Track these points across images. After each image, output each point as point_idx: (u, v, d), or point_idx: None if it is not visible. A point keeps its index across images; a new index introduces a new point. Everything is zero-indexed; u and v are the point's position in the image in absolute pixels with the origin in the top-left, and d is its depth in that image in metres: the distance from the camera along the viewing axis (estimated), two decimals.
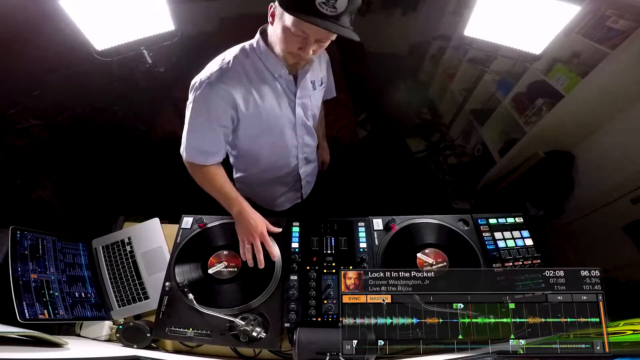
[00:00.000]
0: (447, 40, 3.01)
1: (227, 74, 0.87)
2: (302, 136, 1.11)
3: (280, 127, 1.03)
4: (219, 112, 0.89)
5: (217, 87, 0.86)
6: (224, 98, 0.87)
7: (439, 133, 3.02)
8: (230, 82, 0.87)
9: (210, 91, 0.86)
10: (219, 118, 0.90)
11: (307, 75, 0.99)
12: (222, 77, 0.86)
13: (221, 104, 0.88)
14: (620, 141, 1.65)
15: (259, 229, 0.94)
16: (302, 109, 1.04)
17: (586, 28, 1.70)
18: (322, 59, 1.09)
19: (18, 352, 0.69)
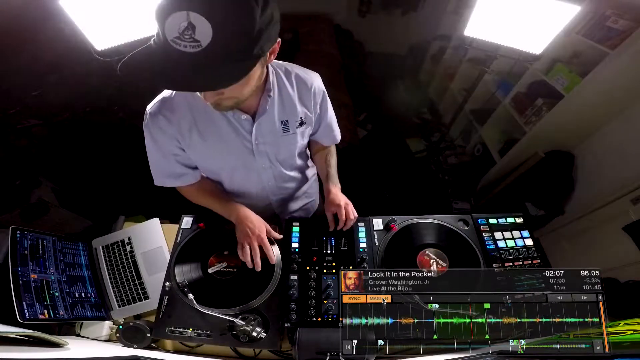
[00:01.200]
0: (447, 40, 3.02)
1: (168, 105, 0.81)
2: (270, 180, 1.01)
3: (232, 170, 0.95)
4: (164, 142, 0.85)
5: (157, 119, 0.81)
6: (163, 129, 0.82)
7: (439, 133, 3.02)
8: (170, 115, 0.80)
9: (151, 122, 0.82)
10: (166, 147, 0.86)
11: (269, 115, 0.83)
12: (162, 109, 0.81)
13: (162, 135, 0.83)
14: (620, 141, 1.65)
15: (257, 232, 0.91)
16: (264, 154, 0.92)
17: (586, 28, 1.70)
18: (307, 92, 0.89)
19: (18, 352, 0.69)
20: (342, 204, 0.97)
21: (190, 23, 0.52)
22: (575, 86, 1.71)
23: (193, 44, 0.53)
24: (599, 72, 1.60)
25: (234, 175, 0.97)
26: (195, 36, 0.53)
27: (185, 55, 0.54)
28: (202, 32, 0.52)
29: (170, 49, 0.54)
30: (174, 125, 0.81)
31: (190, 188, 0.97)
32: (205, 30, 0.52)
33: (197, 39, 0.53)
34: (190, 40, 0.53)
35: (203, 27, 0.52)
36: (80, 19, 1.35)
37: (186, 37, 0.53)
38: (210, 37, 0.53)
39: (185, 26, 0.52)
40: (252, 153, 0.89)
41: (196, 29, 0.52)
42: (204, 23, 0.52)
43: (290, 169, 1.04)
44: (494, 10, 1.59)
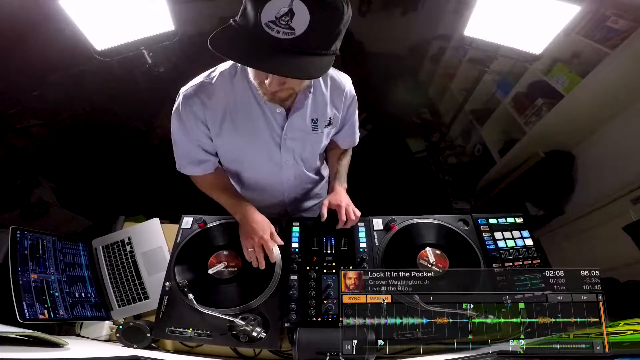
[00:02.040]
0: (447, 40, 3.01)
1: (206, 90, 0.80)
2: (290, 178, 1.02)
3: (256, 162, 0.95)
4: (192, 127, 0.84)
5: (192, 102, 0.80)
6: (195, 114, 0.81)
7: (439, 133, 3.02)
8: (207, 100, 0.80)
9: (185, 104, 0.81)
10: (193, 132, 0.86)
11: (302, 111, 0.84)
12: (199, 92, 0.80)
13: (193, 119, 0.82)
14: (620, 141, 1.65)
15: (260, 233, 0.90)
16: (290, 150, 0.92)
17: (586, 28, 1.70)
18: (339, 95, 0.90)
19: (18, 352, 0.69)
20: (342, 204, 0.96)
21: (291, 10, 0.52)
22: (575, 86, 1.71)
23: (287, 30, 0.54)
24: (599, 72, 1.60)
25: (256, 167, 0.98)
26: (292, 23, 0.53)
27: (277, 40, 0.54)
28: (300, 21, 0.53)
29: (262, 32, 0.54)
30: (209, 110, 0.81)
31: (205, 178, 0.97)
32: (303, 20, 0.53)
33: (292, 27, 0.53)
34: (286, 27, 0.53)
35: (302, 16, 0.53)
36: (80, 19, 1.35)
37: (282, 23, 0.53)
38: (305, 27, 0.54)
39: (285, 12, 0.53)
40: (278, 147, 0.90)
41: (295, 16, 0.53)
42: (304, 12, 0.53)
43: (310, 170, 1.06)
44: (494, 10, 1.59)
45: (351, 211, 0.97)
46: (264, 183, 1.04)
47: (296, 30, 0.54)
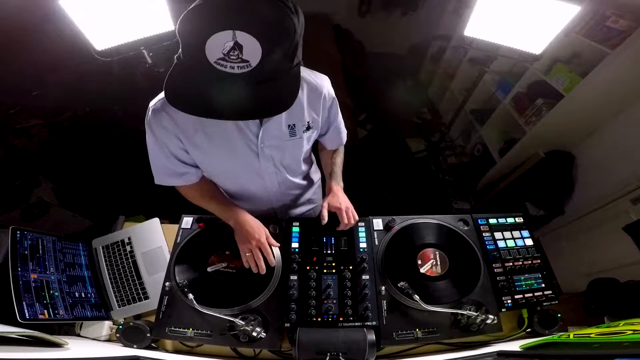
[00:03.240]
0: (447, 40, 3.02)
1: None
2: (274, 185, 1.00)
3: (236, 172, 0.93)
4: (166, 140, 0.81)
5: (160, 116, 0.77)
6: (166, 128, 0.78)
7: (439, 133, 3.03)
8: (174, 113, 0.76)
9: (154, 119, 0.78)
10: (167, 146, 0.83)
11: (276, 119, 0.81)
12: (166, 106, 0.76)
13: (164, 133, 0.80)
14: (620, 141, 1.65)
15: (256, 236, 0.89)
16: (270, 158, 0.90)
17: (586, 28, 1.70)
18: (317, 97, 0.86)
19: (18, 352, 0.69)
20: (342, 207, 0.95)
21: (236, 43, 0.49)
22: (575, 86, 1.71)
23: (241, 64, 0.51)
24: (599, 72, 1.60)
25: (238, 178, 0.96)
26: (244, 56, 0.50)
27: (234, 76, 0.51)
28: (251, 52, 0.50)
29: (215, 70, 0.51)
30: (178, 124, 0.78)
31: (191, 188, 0.96)
32: (254, 50, 0.50)
33: (245, 59, 0.50)
34: (238, 61, 0.50)
35: (251, 46, 0.50)
36: (80, 19, 1.35)
37: (232, 58, 0.50)
38: (260, 56, 0.50)
39: (231, 46, 0.49)
40: (257, 156, 0.87)
41: (244, 48, 0.50)
42: (252, 42, 0.49)
43: (295, 175, 1.03)
44: (494, 10, 1.59)
45: (351, 214, 0.96)
46: (248, 193, 1.02)
47: (251, 62, 0.51)
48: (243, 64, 0.51)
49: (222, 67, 0.51)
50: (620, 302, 1.02)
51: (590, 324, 0.90)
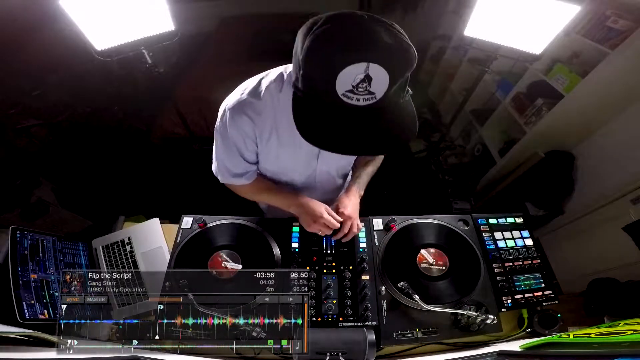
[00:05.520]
0: (447, 40, 3.01)
1: (254, 107, 0.77)
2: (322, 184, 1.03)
3: (293, 170, 0.96)
4: (238, 143, 0.84)
5: (240, 118, 0.78)
6: (243, 131, 0.80)
7: (439, 133, 3.02)
8: (255, 116, 0.78)
9: (232, 120, 0.79)
10: (239, 148, 0.85)
11: None
12: (247, 109, 0.77)
13: (241, 135, 0.82)
14: (620, 141, 1.65)
15: (318, 216, 0.91)
16: (326, 165, 0.94)
17: (586, 28, 1.70)
18: None
19: (18, 352, 0.69)
20: (352, 215, 0.94)
21: (367, 75, 0.48)
22: (575, 86, 1.71)
23: (367, 96, 0.50)
24: (599, 72, 1.60)
25: (292, 174, 0.98)
26: (371, 88, 0.49)
27: (359, 109, 0.51)
28: (379, 83, 0.49)
29: (341, 103, 0.50)
30: (257, 126, 0.79)
31: (249, 186, 0.97)
32: (383, 81, 0.49)
33: (372, 91, 0.49)
34: (365, 93, 0.49)
35: (381, 78, 0.49)
36: (80, 19, 1.35)
37: (360, 91, 0.49)
38: (386, 87, 0.50)
39: (361, 78, 0.48)
40: (316, 157, 0.90)
41: (373, 80, 0.48)
42: (382, 74, 0.48)
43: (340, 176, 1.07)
44: (494, 10, 1.59)
45: (354, 225, 0.95)
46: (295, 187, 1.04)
47: (377, 94, 0.50)
48: (369, 96, 0.50)
49: (349, 100, 0.50)
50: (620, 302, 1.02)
51: (590, 324, 0.90)
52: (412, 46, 0.52)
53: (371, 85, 0.49)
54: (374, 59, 0.47)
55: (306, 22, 0.55)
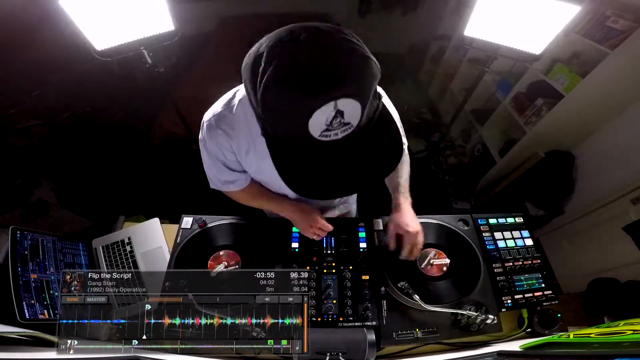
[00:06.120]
0: (447, 40, 3.01)
1: (227, 120, 0.76)
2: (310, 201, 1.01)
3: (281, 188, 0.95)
4: (219, 155, 0.84)
5: (215, 133, 0.78)
6: (220, 144, 0.80)
7: (439, 133, 3.02)
8: (230, 130, 0.77)
9: (209, 134, 0.79)
10: (222, 160, 0.85)
11: None
12: (221, 123, 0.76)
13: (219, 148, 0.81)
14: (620, 141, 1.65)
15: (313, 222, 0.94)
16: None
17: (586, 28, 1.70)
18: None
19: (18, 352, 0.69)
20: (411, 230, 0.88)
21: (338, 111, 0.45)
22: (575, 86, 1.71)
23: (343, 127, 0.47)
24: (599, 72, 1.60)
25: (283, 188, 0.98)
26: (345, 120, 0.46)
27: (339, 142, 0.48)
28: (352, 113, 0.47)
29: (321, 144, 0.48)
30: (233, 140, 0.79)
31: (241, 192, 0.96)
32: (355, 110, 0.46)
33: (346, 122, 0.47)
34: (340, 126, 0.47)
35: (353, 108, 0.46)
36: (80, 19, 1.35)
37: (335, 125, 0.46)
38: (359, 114, 0.47)
39: (333, 115, 0.45)
40: None
41: (345, 113, 0.46)
42: (353, 104, 0.46)
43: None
44: (494, 10, 1.59)
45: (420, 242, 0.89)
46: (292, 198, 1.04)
47: (352, 122, 0.47)
48: (345, 127, 0.47)
49: (326, 138, 0.48)
50: (620, 302, 1.02)
51: (590, 324, 0.90)
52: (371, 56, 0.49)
53: (344, 117, 0.46)
54: (340, 95, 0.44)
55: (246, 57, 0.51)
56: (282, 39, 0.46)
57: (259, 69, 0.46)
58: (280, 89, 0.45)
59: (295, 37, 0.45)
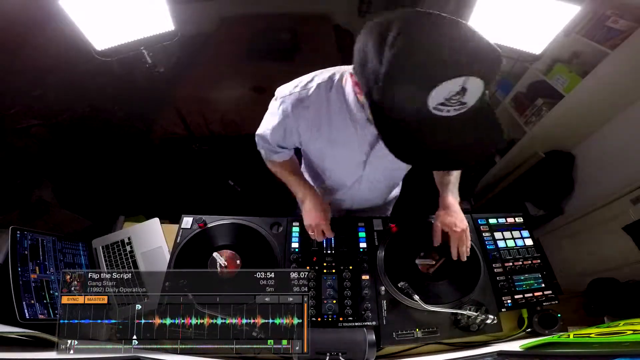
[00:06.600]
0: None
1: (301, 103, 0.77)
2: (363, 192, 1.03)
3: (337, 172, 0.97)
4: (283, 131, 0.84)
5: (286, 112, 0.79)
6: (288, 124, 0.81)
7: None
8: (302, 111, 0.78)
9: (279, 111, 0.80)
10: (281, 135, 0.86)
11: None
12: (295, 103, 0.77)
13: (284, 126, 0.83)
14: (620, 141, 1.65)
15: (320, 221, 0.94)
16: (374, 168, 0.92)
17: (586, 28, 1.70)
18: None
19: (18, 352, 0.69)
20: (458, 229, 0.89)
21: (463, 87, 0.45)
22: (575, 86, 1.71)
23: (459, 106, 0.47)
24: (599, 72, 1.60)
25: (336, 176, 0.99)
26: (464, 99, 0.46)
27: (448, 119, 0.48)
28: (473, 93, 0.46)
29: (430, 115, 0.47)
30: (303, 121, 0.80)
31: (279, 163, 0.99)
32: (477, 91, 0.46)
33: (464, 102, 0.47)
34: (457, 104, 0.47)
35: (476, 88, 0.46)
36: (80, 19, 1.35)
37: (453, 102, 0.46)
38: (479, 95, 0.47)
39: (456, 91, 0.45)
40: (363, 164, 0.90)
41: (467, 91, 0.45)
42: (478, 84, 0.45)
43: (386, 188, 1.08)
44: (493, 10, 1.59)
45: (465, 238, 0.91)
46: (337, 188, 1.05)
47: (468, 103, 0.47)
48: (461, 105, 0.47)
49: (439, 112, 0.47)
50: (620, 302, 1.02)
51: (590, 324, 0.90)
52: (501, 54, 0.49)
53: (465, 96, 0.46)
54: (473, 71, 0.44)
55: (367, 26, 0.52)
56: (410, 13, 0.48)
57: (387, 36, 0.46)
58: (413, 57, 0.45)
59: (428, 14, 0.46)
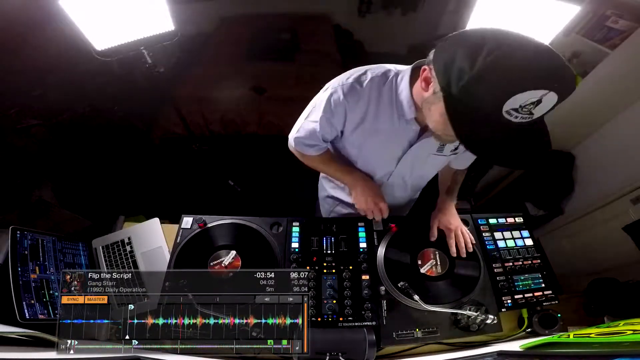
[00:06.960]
0: None
1: (355, 93, 0.79)
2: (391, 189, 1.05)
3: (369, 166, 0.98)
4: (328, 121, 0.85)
5: (337, 101, 0.80)
6: (337, 112, 0.82)
7: None
8: (353, 103, 0.80)
9: (330, 101, 0.81)
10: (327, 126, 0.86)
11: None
12: (348, 94, 0.79)
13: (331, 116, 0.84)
14: (620, 141, 1.65)
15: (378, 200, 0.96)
16: (407, 165, 0.94)
17: (586, 28, 1.69)
18: None
19: (18, 352, 0.69)
20: (452, 227, 0.98)
21: (539, 100, 0.49)
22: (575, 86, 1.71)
23: (526, 116, 0.51)
24: (599, 72, 1.60)
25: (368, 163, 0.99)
26: (534, 110, 0.51)
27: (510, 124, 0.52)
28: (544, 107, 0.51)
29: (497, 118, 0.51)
30: (351, 112, 0.82)
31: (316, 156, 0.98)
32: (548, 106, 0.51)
33: (533, 112, 0.51)
34: (526, 113, 0.51)
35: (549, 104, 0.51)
36: (80, 19, 1.35)
37: (524, 111, 0.50)
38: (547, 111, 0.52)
39: (532, 102, 0.49)
40: (397, 160, 0.92)
41: (541, 104, 0.50)
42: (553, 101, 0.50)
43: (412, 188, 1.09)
44: (494, 10, 1.59)
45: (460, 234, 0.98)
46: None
47: (535, 115, 0.52)
48: (528, 116, 0.51)
49: (508, 116, 0.51)
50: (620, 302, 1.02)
51: (590, 324, 0.90)
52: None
53: (536, 108, 0.50)
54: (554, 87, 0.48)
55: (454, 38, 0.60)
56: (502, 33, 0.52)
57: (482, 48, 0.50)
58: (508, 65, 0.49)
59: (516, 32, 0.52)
